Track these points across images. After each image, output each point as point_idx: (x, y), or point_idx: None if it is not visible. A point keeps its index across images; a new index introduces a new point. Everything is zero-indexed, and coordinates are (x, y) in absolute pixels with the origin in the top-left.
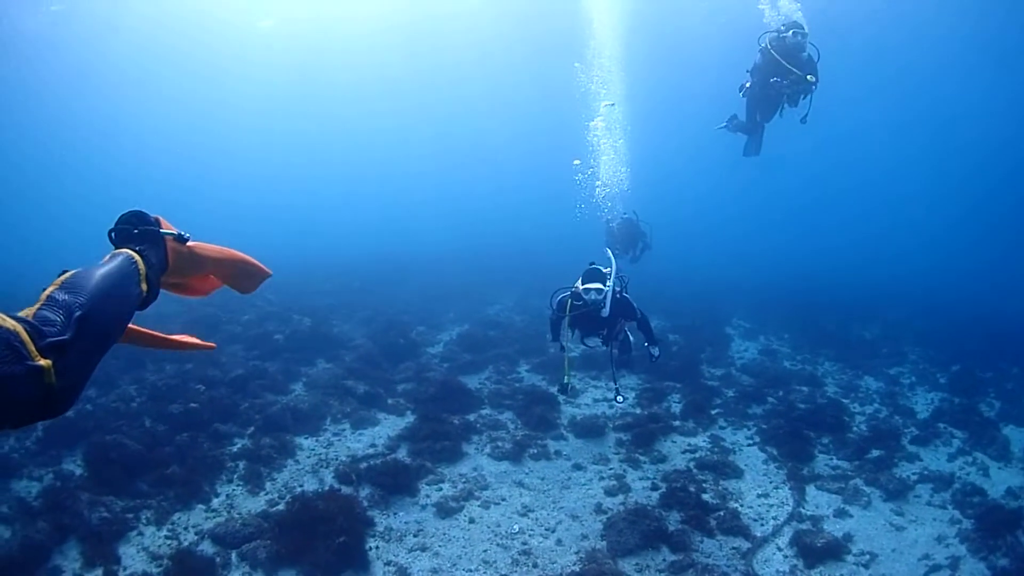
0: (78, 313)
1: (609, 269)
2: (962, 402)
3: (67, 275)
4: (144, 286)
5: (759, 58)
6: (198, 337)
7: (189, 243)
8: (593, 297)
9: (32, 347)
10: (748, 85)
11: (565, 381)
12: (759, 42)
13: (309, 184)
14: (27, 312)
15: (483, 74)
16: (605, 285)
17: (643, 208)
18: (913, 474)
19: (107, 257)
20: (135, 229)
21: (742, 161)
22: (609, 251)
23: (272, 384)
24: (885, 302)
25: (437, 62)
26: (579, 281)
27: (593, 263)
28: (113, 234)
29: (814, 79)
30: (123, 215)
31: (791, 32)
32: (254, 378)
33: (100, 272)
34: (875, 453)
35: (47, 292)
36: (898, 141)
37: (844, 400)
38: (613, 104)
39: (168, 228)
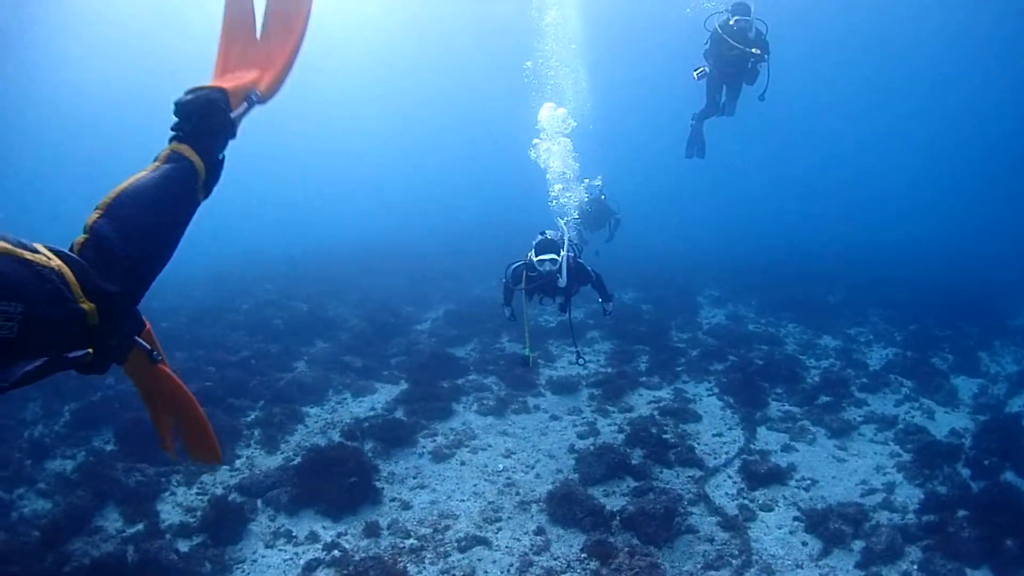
0: (126, 263)
1: (559, 235)
2: (915, 356)
3: (114, 196)
4: (201, 196)
5: (709, 42)
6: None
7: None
8: (548, 268)
9: (77, 289)
10: (705, 69)
11: (527, 354)
12: (706, 26)
13: (296, 179)
14: (77, 243)
15: (447, 70)
16: (559, 255)
17: (614, 186)
18: (859, 416)
19: (164, 154)
20: (200, 125)
21: (711, 138)
22: (560, 220)
23: (276, 363)
24: (852, 270)
25: (409, 59)
26: (531, 252)
27: (544, 232)
28: (176, 129)
29: (759, 51)
30: (185, 103)
31: (734, 19)
32: (259, 358)
33: (151, 197)
34: (824, 399)
35: (92, 221)
36: (869, 119)
37: (801, 356)
38: None
39: (237, 108)
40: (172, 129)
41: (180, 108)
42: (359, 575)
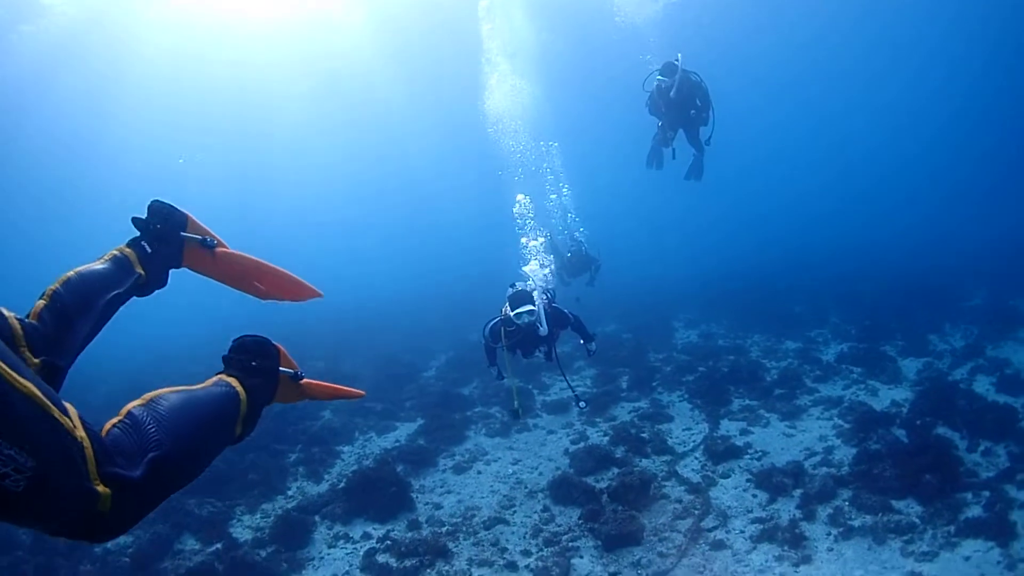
0: (153, 454)
1: (531, 286)
2: (866, 346)
3: (160, 393)
4: (239, 429)
5: (648, 100)
6: None
7: (303, 380)
8: (526, 320)
9: (93, 468)
10: (659, 126)
11: (515, 407)
12: (644, 87)
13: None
14: (108, 424)
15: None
16: (535, 304)
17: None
18: (809, 401)
19: (211, 380)
20: (252, 362)
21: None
22: (526, 269)
23: (305, 413)
24: (817, 279)
25: (368, 107)
26: (506, 306)
27: (514, 284)
28: (228, 358)
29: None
30: (244, 341)
31: (656, 83)
32: (290, 410)
33: (194, 408)
34: (779, 392)
35: (130, 407)
36: (813, 134)
37: (763, 360)
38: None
39: (288, 365)
40: (224, 359)
41: (236, 341)
42: (410, 552)
